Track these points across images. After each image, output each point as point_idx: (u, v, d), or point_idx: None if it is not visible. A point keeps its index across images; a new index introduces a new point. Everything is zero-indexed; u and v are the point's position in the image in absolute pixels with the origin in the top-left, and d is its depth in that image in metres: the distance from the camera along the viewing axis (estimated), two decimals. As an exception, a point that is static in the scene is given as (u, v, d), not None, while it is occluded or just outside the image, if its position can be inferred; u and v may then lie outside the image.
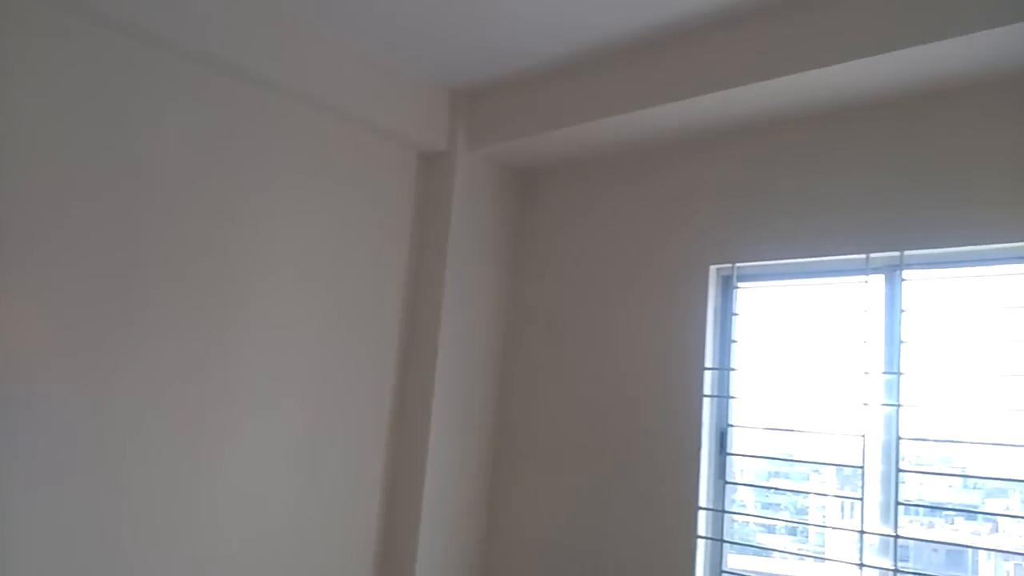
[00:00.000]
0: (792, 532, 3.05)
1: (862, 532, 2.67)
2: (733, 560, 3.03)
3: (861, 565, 2.64)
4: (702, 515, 3.03)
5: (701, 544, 3.01)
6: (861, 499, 2.69)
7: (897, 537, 2.61)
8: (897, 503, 2.63)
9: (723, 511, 3.02)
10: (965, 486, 2.72)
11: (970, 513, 2.69)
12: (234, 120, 3.04)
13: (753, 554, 3.02)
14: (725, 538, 3.01)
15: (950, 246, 2.61)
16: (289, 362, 3.19)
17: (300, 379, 3.22)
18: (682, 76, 2.97)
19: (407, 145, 3.63)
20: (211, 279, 2.95)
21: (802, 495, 3.01)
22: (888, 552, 2.63)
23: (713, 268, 3.16)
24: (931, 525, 2.75)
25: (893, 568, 2.59)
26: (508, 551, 3.57)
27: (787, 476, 3.09)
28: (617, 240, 3.48)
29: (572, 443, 3.45)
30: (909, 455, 2.71)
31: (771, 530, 3.08)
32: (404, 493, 3.46)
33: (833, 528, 2.87)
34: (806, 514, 3.05)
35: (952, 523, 2.72)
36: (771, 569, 2.99)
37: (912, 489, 2.73)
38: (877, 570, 2.63)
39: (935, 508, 2.70)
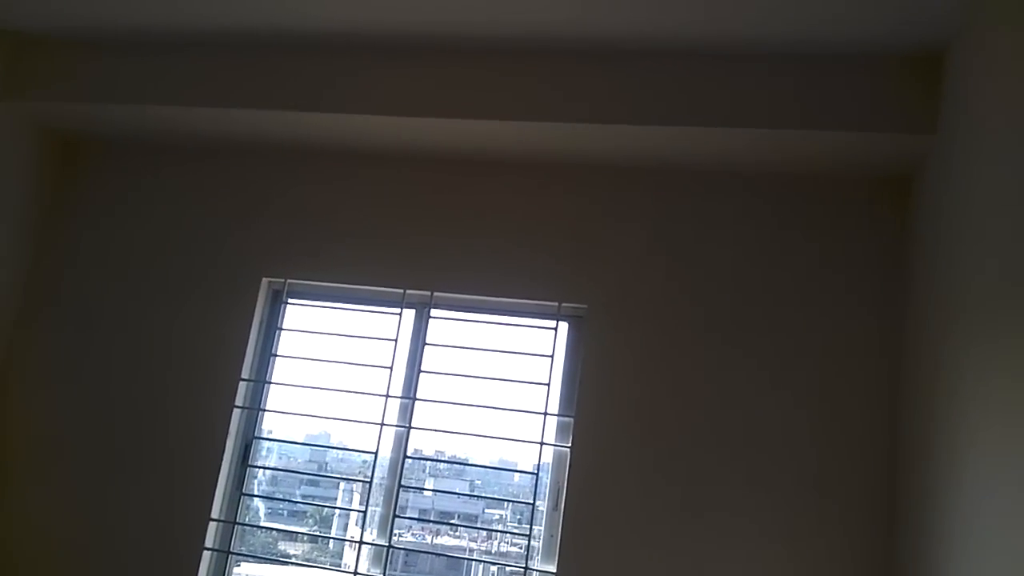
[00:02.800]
0: (314, 540, 3.17)
1: (360, 542, 2.91)
2: (249, 569, 3.05)
3: (355, 573, 2.87)
4: (213, 526, 2.99)
5: (207, 556, 2.96)
6: (364, 511, 2.93)
7: (390, 547, 2.90)
8: (394, 515, 2.93)
9: (235, 523, 3.02)
10: (472, 498, 3.14)
11: (469, 526, 3.11)
12: None
13: (269, 563, 3.07)
14: (236, 549, 3.01)
15: (471, 294, 3.04)
16: None
17: None
18: (261, 85, 2.99)
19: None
20: None
21: (326, 506, 3.18)
22: (390, 560, 2.89)
23: (266, 280, 3.18)
24: (438, 533, 3.11)
25: (383, 575, 2.87)
26: (-26, 568, 3.07)
27: (319, 485, 3.22)
28: (171, 235, 3.30)
29: (84, 446, 3.13)
30: (434, 469, 3.07)
31: (294, 539, 3.17)
32: None
33: (336, 539, 3.08)
34: (330, 524, 3.19)
35: (456, 531, 3.11)
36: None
37: (428, 500, 3.07)
38: (369, 577, 2.89)
39: (423, 520, 3.07)
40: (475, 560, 2.99)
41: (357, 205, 3.19)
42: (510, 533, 3.01)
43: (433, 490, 3.09)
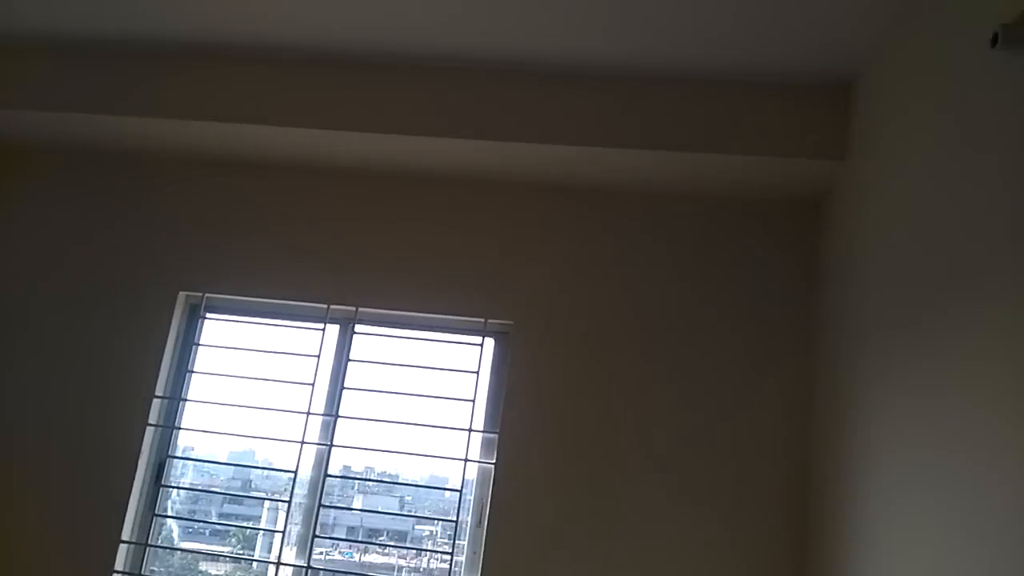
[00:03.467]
0: (236, 561, 3.06)
1: (279, 563, 2.84)
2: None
3: (274, 594, 2.80)
4: (123, 548, 2.87)
5: (116, 579, 2.85)
6: (284, 531, 2.86)
7: (309, 568, 2.84)
8: (314, 535, 2.87)
9: (147, 544, 2.91)
10: (401, 515, 3.08)
11: (391, 544, 3.06)
12: None
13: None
14: (151, 571, 2.91)
15: (397, 309, 3.01)
16: None
17: None
18: (183, 95, 2.91)
19: None
20: None
21: (242, 527, 3.09)
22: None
23: (183, 294, 3.09)
24: (367, 551, 3.05)
25: (301, 599, 2.81)
26: None
27: (243, 504, 3.12)
28: (86, 246, 3.17)
29: (-16, 465, 2.97)
30: (363, 486, 3.04)
31: (216, 559, 3.06)
32: None
33: (253, 560, 3.00)
34: (254, 544, 3.08)
35: (384, 550, 3.05)
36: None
37: (358, 518, 3.02)
38: (287, 600, 2.82)
39: (346, 540, 3.01)
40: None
41: (281, 218, 3.13)
42: (436, 552, 2.98)
43: (354, 508, 3.04)
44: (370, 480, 3.06)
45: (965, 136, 1.77)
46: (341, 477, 2.98)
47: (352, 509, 3.04)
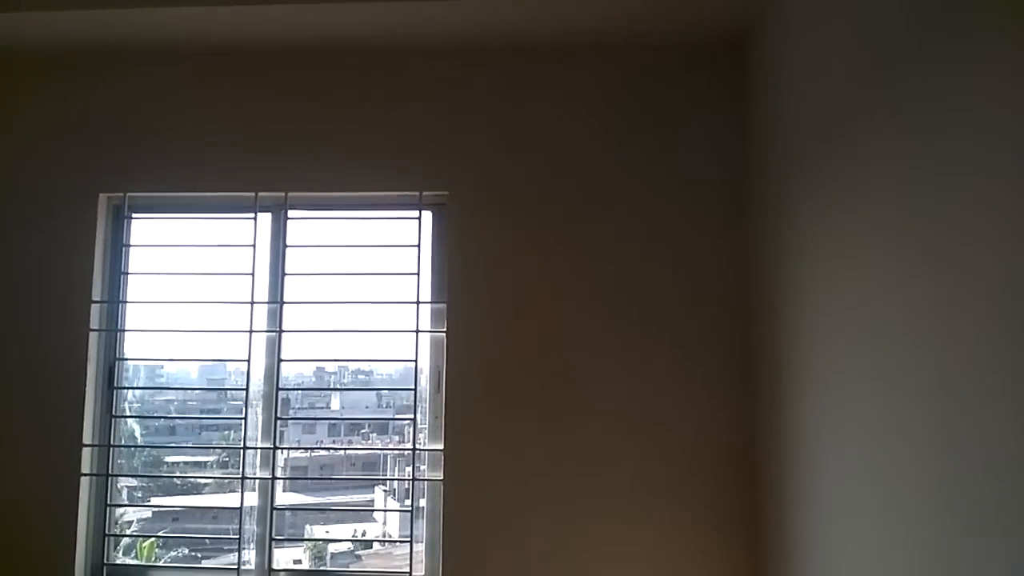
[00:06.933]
0: (225, 464, 3.14)
1: (244, 448, 2.91)
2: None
3: (243, 478, 2.89)
4: (87, 452, 2.91)
5: (86, 481, 2.90)
6: (244, 419, 2.92)
7: (275, 448, 2.92)
8: (277, 418, 2.93)
9: (110, 445, 2.95)
10: (380, 406, 3.17)
11: (360, 418, 3.20)
12: None
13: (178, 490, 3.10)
14: (114, 471, 2.96)
15: (328, 191, 2.95)
16: None
17: None
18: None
19: None
20: None
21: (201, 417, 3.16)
22: (284, 464, 2.94)
23: (103, 196, 2.97)
24: (350, 441, 3.17)
25: (271, 476, 2.90)
26: None
27: (227, 402, 3.16)
28: (-7, 154, 3.00)
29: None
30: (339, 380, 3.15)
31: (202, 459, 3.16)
32: None
33: (221, 447, 3.09)
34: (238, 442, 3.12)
35: (368, 439, 3.18)
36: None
37: (337, 415, 3.15)
38: (257, 480, 2.91)
39: (305, 420, 3.11)
40: (359, 449, 3.09)
41: (194, 108, 2.97)
42: (396, 419, 3.09)
43: (309, 388, 3.11)
44: (324, 360, 3.11)
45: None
46: (295, 361, 3.00)
47: (305, 389, 3.12)
